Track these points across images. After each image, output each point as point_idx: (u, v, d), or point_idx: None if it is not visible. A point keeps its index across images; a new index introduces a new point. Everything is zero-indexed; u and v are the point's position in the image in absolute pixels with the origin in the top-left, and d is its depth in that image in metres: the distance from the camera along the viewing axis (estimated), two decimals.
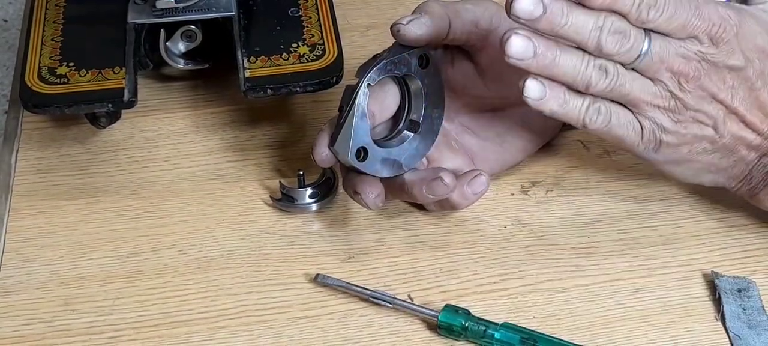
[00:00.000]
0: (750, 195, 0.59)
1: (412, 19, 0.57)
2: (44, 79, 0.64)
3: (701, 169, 0.58)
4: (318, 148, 0.58)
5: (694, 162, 0.57)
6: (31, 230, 0.62)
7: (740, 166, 0.57)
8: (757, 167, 0.57)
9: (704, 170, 0.58)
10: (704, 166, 0.57)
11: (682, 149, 0.56)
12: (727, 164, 0.57)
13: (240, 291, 0.58)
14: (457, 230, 0.62)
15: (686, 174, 0.58)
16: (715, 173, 0.58)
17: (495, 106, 0.62)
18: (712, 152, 0.57)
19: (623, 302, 0.57)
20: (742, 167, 0.57)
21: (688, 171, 0.58)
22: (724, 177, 0.58)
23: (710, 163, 0.57)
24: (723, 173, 0.58)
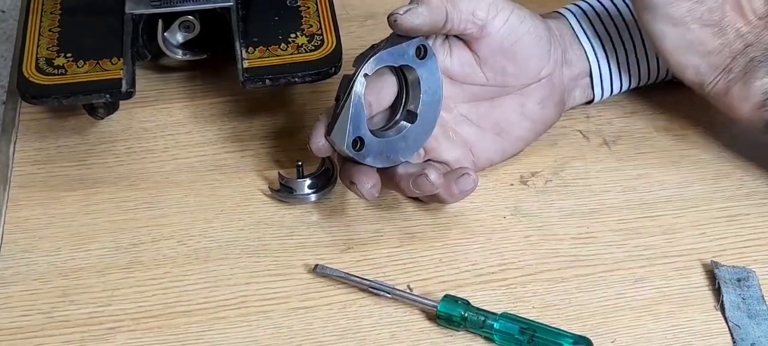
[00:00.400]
0: (724, 91, 0.60)
1: (409, 9, 0.57)
2: (42, 69, 0.63)
3: (690, 44, 0.59)
4: (314, 138, 0.58)
5: (688, 30, 0.59)
6: (29, 220, 0.62)
7: (724, 54, 0.59)
8: (739, 58, 0.59)
9: (692, 48, 0.59)
10: (694, 41, 0.59)
11: (683, 4, 0.58)
12: (714, 47, 0.59)
13: (239, 282, 0.58)
14: (456, 220, 0.61)
15: (676, 44, 0.60)
16: (700, 55, 0.59)
17: (493, 96, 0.62)
18: (706, 25, 0.59)
19: (623, 292, 0.57)
20: (725, 55, 0.59)
21: (679, 40, 0.59)
22: (706, 64, 0.60)
23: (700, 39, 0.59)
24: (707, 59, 0.59)
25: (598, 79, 0.66)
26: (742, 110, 0.60)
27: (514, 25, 0.60)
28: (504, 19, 0.59)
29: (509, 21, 0.59)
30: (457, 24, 0.58)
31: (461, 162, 0.61)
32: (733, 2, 0.59)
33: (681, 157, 0.65)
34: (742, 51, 0.59)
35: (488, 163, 0.63)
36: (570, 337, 0.54)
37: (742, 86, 0.59)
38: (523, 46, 0.60)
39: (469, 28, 0.59)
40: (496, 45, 0.60)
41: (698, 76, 0.61)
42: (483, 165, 0.63)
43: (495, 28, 0.59)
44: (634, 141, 0.66)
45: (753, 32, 0.59)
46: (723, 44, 0.59)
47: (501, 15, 0.59)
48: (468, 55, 0.61)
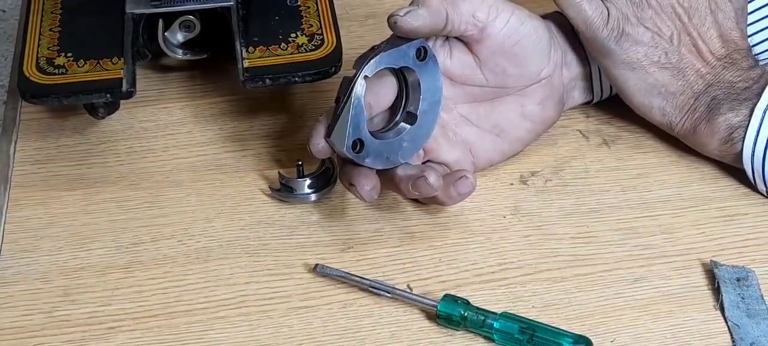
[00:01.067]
0: (692, 130, 0.61)
1: (409, 11, 0.57)
2: (42, 69, 0.63)
3: (652, 87, 0.61)
4: (314, 139, 0.58)
5: (648, 74, 0.61)
6: (30, 220, 0.62)
7: (687, 95, 0.61)
8: (702, 97, 0.61)
9: (654, 90, 0.61)
10: (655, 84, 0.61)
11: (639, 50, 0.60)
12: (676, 88, 0.61)
13: (239, 281, 0.58)
14: (455, 219, 0.62)
15: (638, 87, 0.62)
16: (664, 97, 0.61)
17: (493, 97, 0.62)
18: (665, 68, 0.61)
19: (622, 292, 0.57)
20: (688, 95, 0.61)
21: (641, 84, 0.61)
22: (671, 105, 0.61)
23: (661, 81, 0.61)
24: (671, 100, 0.61)
25: (597, 80, 0.66)
26: (711, 146, 0.62)
27: (514, 27, 0.60)
28: (504, 20, 0.59)
29: (509, 23, 0.60)
30: (457, 26, 0.59)
31: (461, 163, 0.61)
32: (689, 45, 0.61)
33: (680, 157, 0.65)
34: (703, 90, 0.61)
35: (488, 164, 0.63)
36: (569, 336, 0.54)
37: (706, 124, 0.61)
38: (523, 47, 0.60)
39: (470, 30, 0.59)
40: (496, 46, 0.60)
41: (665, 117, 0.62)
42: (483, 165, 0.63)
43: (495, 30, 0.59)
44: (634, 141, 0.66)
45: (712, 72, 0.61)
46: (684, 85, 0.61)
47: (501, 17, 0.59)
48: (468, 57, 0.61)
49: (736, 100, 0.60)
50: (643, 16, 0.61)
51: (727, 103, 0.60)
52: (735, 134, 0.60)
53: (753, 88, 0.60)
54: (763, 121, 0.59)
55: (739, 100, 0.60)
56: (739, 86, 0.60)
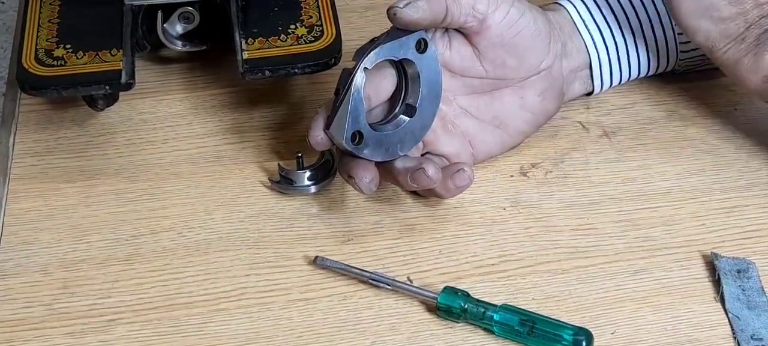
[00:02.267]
0: (735, 60, 0.59)
1: (409, 3, 0.57)
2: (41, 61, 0.63)
3: (706, 9, 0.59)
4: (313, 131, 0.58)
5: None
6: (29, 213, 0.62)
7: (739, 22, 0.59)
8: (753, 28, 0.59)
9: (707, 12, 0.59)
10: (710, 6, 0.59)
11: None
12: (729, 14, 0.58)
13: (239, 273, 0.58)
14: (455, 211, 0.61)
15: (692, 7, 0.59)
16: (714, 21, 0.59)
17: (493, 89, 0.62)
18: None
19: (623, 284, 0.57)
20: (740, 24, 0.59)
21: (695, 4, 0.59)
22: (719, 31, 0.59)
23: (717, 5, 0.58)
24: (720, 25, 0.59)
25: (597, 71, 0.66)
26: (751, 82, 0.60)
27: (513, 19, 0.60)
28: (504, 12, 0.59)
29: (509, 14, 0.59)
30: (457, 17, 0.58)
31: (460, 155, 0.61)
32: None
33: (681, 149, 0.65)
34: (757, 21, 0.59)
35: (488, 156, 0.63)
36: (570, 328, 0.54)
37: (753, 58, 0.59)
38: (523, 39, 0.60)
39: (469, 22, 0.59)
40: (495, 38, 0.60)
41: (708, 41, 0.60)
42: (482, 158, 0.63)
43: (495, 22, 0.59)
44: (634, 132, 0.66)
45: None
46: (739, 13, 0.59)
47: (501, 8, 0.59)
48: (467, 49, 0.60)
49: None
50: None
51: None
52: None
53: None
54: None
55: None
56: None
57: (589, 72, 0.66)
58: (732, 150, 0.64)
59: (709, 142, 0.65)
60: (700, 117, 0.67)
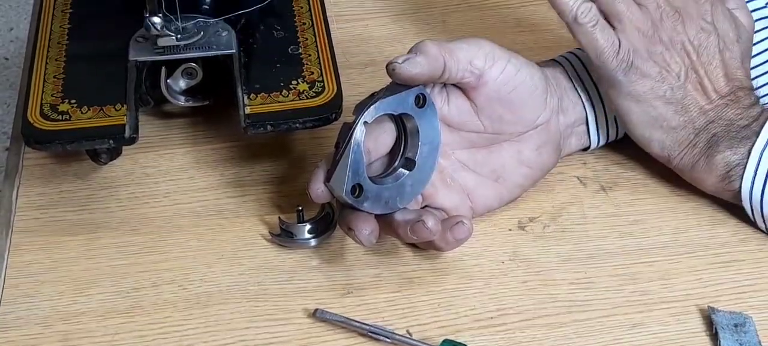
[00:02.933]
0: (690, 165, 0.62)
1: (408, 59, 0.58)
2: (46, 115, 0.64)
3: (655, 120, 0.62)
4: (314, 184, 0.58)
5: (652, 107, 0.61)
6: (31, 265, 0.62)
7: (688, 130, 0.62)
8: (702, 134, 0.61)
9: (657, 123, 0.62)
10: (658, 117, 0.62)
11: (646, 83, 0.61)
12: (678, 123, 0.62)
13: (239, 326, 0.59)
14: (454, 265, 0.62)
15: (641, 120, 0.62)
16: (665, 131, 0.62)
17: (490, 143, 0.63)
18: (669, 103, 0.61)
19: (621, 337, 0.58)
20: (689, 131, 0.62)
21: (644, 116, 0.62)
22: (671, 139, 0.62)
23: (664, 116, 0.62)
24: (671, 134, 0.62)
25: (594, 127, 0.66)
26: (708, 183, 0.62)
27: (510, 74, 0.60)
28: (501, 68, 0.60)
29: (506, 70, 0.60)
30: (454, 73, 0.59)
31: (459, 208, 0.62)
32: (694, 82, 0.62)
33: (677, 204, 0.65)
34: (704, 127, 0.62)
35: (486, 210, 0.64)
36: None
37: (705, 161, 0.61)
38: (520, 94, 0.61)
39: (467, 77, 0.60)
40: (493, 93, 0.61)
41: (664, 150, 0.63)
42: (481, 211, 0.63)
43: (492, 77, 0.60)
44: (631, 187, 0.66)
45: (715, 110, 0.62)
46: (686, 121, 0.62)
47: (498, 64, 0.60)
48: (465, 103, 0.61)
49: (735, 139, 0.61)
50: (654, 51, 0.61)
51: (725, 141, 0.61)
52: (733, 172, 0.61)
53: (752, 126, 0.61)
54: (760, 161, 0.60)
55: (738, 138, 0.61)
56: (739, 124, 0.61)
57: (585, 127, 0.66)
58: (727, 205, 0.65)
59: (704, 197, 0.65)
60: None
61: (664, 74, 0.61)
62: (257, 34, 0.70)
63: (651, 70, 0.61)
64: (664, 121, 0.62)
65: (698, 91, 0.62)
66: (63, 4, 0.73)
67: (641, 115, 0.62)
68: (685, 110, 0.62)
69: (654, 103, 0.62)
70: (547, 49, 0.75)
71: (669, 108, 0.62)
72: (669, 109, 0.62)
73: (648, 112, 0.62)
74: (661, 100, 0.62)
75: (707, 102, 0.62)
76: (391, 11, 0.81)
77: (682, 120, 0.62)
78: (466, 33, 0.79)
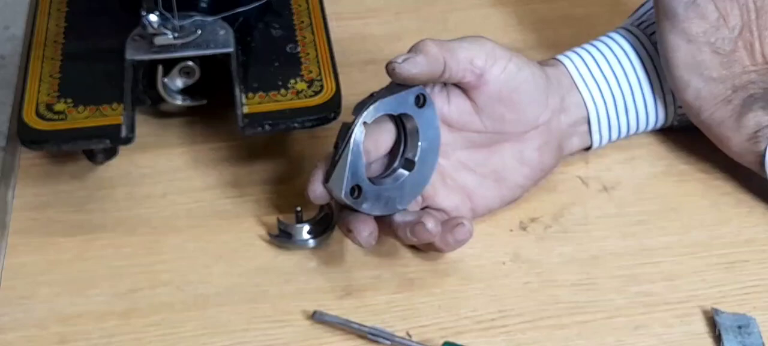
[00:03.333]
0: (719, 120, 0.62)
1: (407, 58, 0.57)
2: (42, 115, 0.64)
3: (698, 65, 0.61)
4: (312, 185, 0.58)
5: (700, 50, 0.61)
6: (27, 266, 0.62)
7: (727, 85, 0.61)
8: (740, 92, 0.61)
9: (698, 69, 0.61)
10: (702, 63, 0.61)
11: (701, 24, 0.61)
12: (719, 76, 0.61)
13: (237, 328, 0.58)
14: (455, 266, 0.61)
15: (685, 61, 0.61)
16: (704, 79, 0.61)
17: (491, 143, 0.62)
18: (717, 52, 0.61)
19: (623, 339, 0.57)
20: (727, 86, 0.61)
21: (689, 58, 0.61)
22: (708, 90, 0.61)
23: (708, 64, 0.61)
24: (709, 85, 0.61)
25: (596, 126, 0.66)
26: (733, 142, 0.61)
27: (511, 74, 0.60)
28: (502, 67, 0.60)
29: (507, 69, 0.60)
30: (455, 73, 0.59)
31: (459, 209, 0.61)
32: (745, 41, 0.61)
33: (680, 204, 0.65)
34: (743, 86, 0.61)
35: (487, 210, 0.63)
36: None
37: (735, 119, 0.61)
38: (521, 94, 0.61)
39: (467, 77, 0.60)
40: (493, 93, 0.60)
41: (697, 99, 0.62)
42: (482, 212, 0.63)
43: (493, 77, 0.60)
44: (634, 187, 0.66)
45: (757, 73, 0.61)
46: (727, 75, 0.61)
47: (499, 63, 0.60)
48: (466, 103, 0.61)
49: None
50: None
51: (760, 102, 0.60)
52: (761, 133, 0.60)
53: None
54: None
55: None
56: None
57: (587, 127, 0.66)
58: (731, 205, 0.65)
59: (708, 197, 0.65)
60: (699, 172, 0.67)
61: (721, 22, 0.61)
62: (255, 33, 0.70)
63: (711, 13, 0.61)
64: (706, 69, 0.61)
65: (747, 50, 0.61)
66: (59, 3, 0.73)
67: (686, 55, 0.61)
68: (729, 64, 0.61)
69: (703, 47, 0.61)
70: (548, 48, 0.75)
71: (715, 58, 0.61)
72: (715, 59, 0.61)
73: (694, 55, 0.61)
74: (710, 47, 0.61)
75: (752, 63, 0.61)
76: (390, 9, 0.81)
77: (724, 73, 0.61)
78: (467, 32, 0.78)
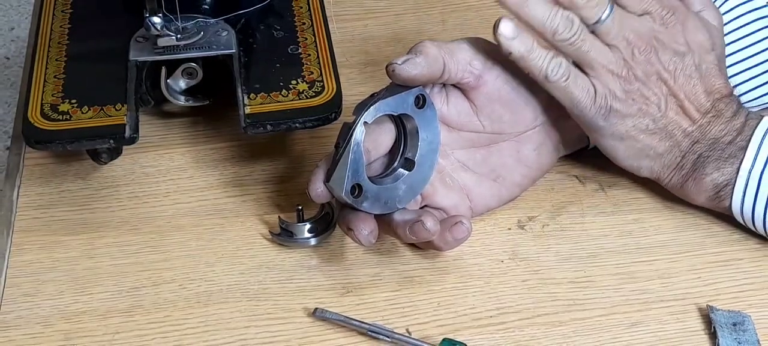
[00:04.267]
0: (680, 185, 0.62)
1: (407, 59, 0.58)
2: (47, 115, 0.64)
3: (641, 151, 0.61)
4: (313, 184, 0.58)
5: (636, 141, 0.61)
6: (32, 265, 0.63)
7: (674, 154, 0.61)
8: (688, 155, 0.61)
9: (643, 154, 0.62)
10: (644, 148, 0.61)
11: (627, 122, 0.60)
12: (664, 149, 0.61)
13: (239, 325, 0.59)
14: (454, 264, 0.62)
15: (627, 153, 0.62)
16: (652, 159, 0.62)
17: (490, 143, 0.63)
18: (653, 133, 0.61)
19: (619, 336, 0.58)
20: (675, 154, 0.61)
21: (630, 150, 0.62)
22: (659, 165, 0.62)
23: (649, 145, 0.61)
24: (658, 160, 0.62)
25: None
26: (699, 201, 0.62)
27: (510, 74, 0.61)
28: (500, 68, 0.60)
29: (505, 70, 0.60)
30: (454, 74, 0.59)
31: (458, 208, 0.62)
32: (675, 107, 0.61)
33: (675, 203, 0.65)
34: (689, 148, 0.61)
35: (485, 209, 0.64)
36: None
37: (694, 182, 0.61)
38: (519, 94, 0.61)
39: (466, 78, 0.60)
40: (492, 93, 0.61)
41: (653, 174, 0.63)
42: (480, 211, 0.64)
43: (491, 78, 0.60)
44: (629, 186, 0.67)
45: (698, 129, 0.61)
46: (671, 145, 0.61)
47: (497, 65, 0.60)
48: (465, 103, 0.61)
49: (721, 159, 0.60)
50: (631, 89, 0.60)
51: (712, 163, 0.61)
52: (722, 192, 0.61)
53: (737, 141, 0.60)
54: (749, 180, 0.60)
55: (724, 157, 0.60)
56: (724, 141, 0.61)
57: None
58: None
59: None
60: None
61: (644, 109, 0.60)
62: (257, 34, 0.70)
63: (630, 109, 0.60)
64: (650, 150, 0.61)
65: (680, 114, 0.61)
66: (63, 4, 0.73)
67: (627, 150, 0.62)
68: (669, 136, 0.61)
69: (638, 137, 0.61)
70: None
71: (653, 138, 0.61)
72: (653, 139, 0.61)
73: (633, 146, 0.61)
74: (645, 133, 0.61)
75: (690, 123, 0.61)
76: (390, 11, 0.81)
77: (668, 145, 0.61)
78: (466, 33, 0.79)
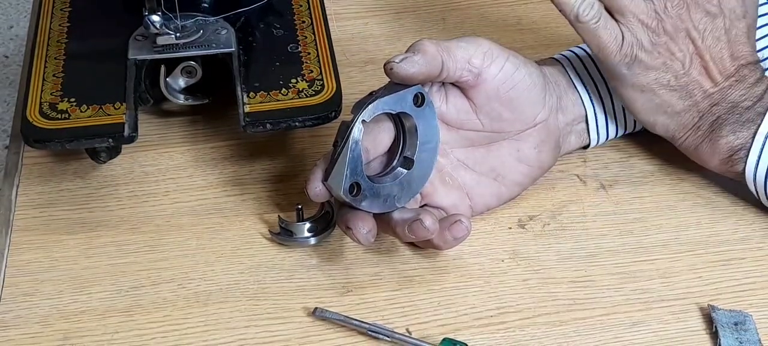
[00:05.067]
0: (694, 146, 0.62)
1: (405, 58, 0.58)
2: (45, 114, 0.64)
3: (659, 107, 0.62)
4: (312, 183, 0.58)
5: (656, 95, 0.61)
6: (31, 264, 0.62)
7: (692, 113, 0.61)
8: (706, 116, 0.61)
9: (660, 109, 0.62)
10: (662, 104, 0.61)
11: (650, 74, 0.61)
12: (681, 108, 0.61)
13: (239, 325, 0.59)
14: (454, 263, 0.62)
15: (645, 107, 0.62)
16: (669, 116, 0.62)
17: (489, 142, 0.63)
18: (673, 90, 0.61)
19: (621, 336, 0.58)
20: (693, 114, 0.61)
21: (648, 104, 0.62)
22: (675, 123, 0.62)
23: (668, 102, 0.61)
24: (675, 119, 0.62)
25: (593, 125, 0.66)
26: (712, 164, 0.62)
27: (509, 73, 0.60)
28: (499, 66, 0.60)
29: (504, 69, 0.60)
30: (452, 72, 0.59)
31: (457, 207, 0.62)
32: (699, 67, 0.61)
33: (677, 202, 0.65)
34: (708, 110, 0.61)
35: (485, 208, 0.64)
36: None
37: (709, 143, 0.61)
38: (518, 92, 0.61)
39: (465, 76, 0.60)
40: (491, 92, 0.61)
41: (668, 132, 0.63)
42: (480, 210, 0.64)
43: (490, 76, 0.60)
44: (631, 185, 0.67)
45: (719, 92, 0.61)
46: (690, 105, 0.61)
47: (496, 63, 0.60)
48: (464, 102, 0.61)
49: (739, 122, 0.61)
50: (658, 42, 0.60)
51: (729, 125, 0.61)
52: (736, 155, 0.61)
53: (756, 107, 0.61)
54: (765, 145, 0.60)
55: (742, 121, 0.61)
56: (743, 106, 0.61)
57: (585, 125, 0.66)
58: (727, 203, 0.65)
59: (704, 195, 0.66)
60: (695, 170, 0.67)
61: (668, 64, 0.61)
62: (256, 33, 0.70)
63: (655, 61, 0.61)
64: (668, 106, 0.62)
65: (703, 75, 0.61)
66: (62, 3, 0.73)
67: (645, 103, 0.62)
68: (689, 95, 0.61)
69: (658, 91, 0.61)
70: (547, 47, 0.75)
71: (673, 95, 0.61)
72: (673, 96, 0.61)
73: (652, 100, 0.61)
74: (665, 89, 0.61)
75: (712, 85, 0.61)
76: (390, 9, 0.81)
77: (686, 104, 0.61)
78: (465, 31, 0.79)
